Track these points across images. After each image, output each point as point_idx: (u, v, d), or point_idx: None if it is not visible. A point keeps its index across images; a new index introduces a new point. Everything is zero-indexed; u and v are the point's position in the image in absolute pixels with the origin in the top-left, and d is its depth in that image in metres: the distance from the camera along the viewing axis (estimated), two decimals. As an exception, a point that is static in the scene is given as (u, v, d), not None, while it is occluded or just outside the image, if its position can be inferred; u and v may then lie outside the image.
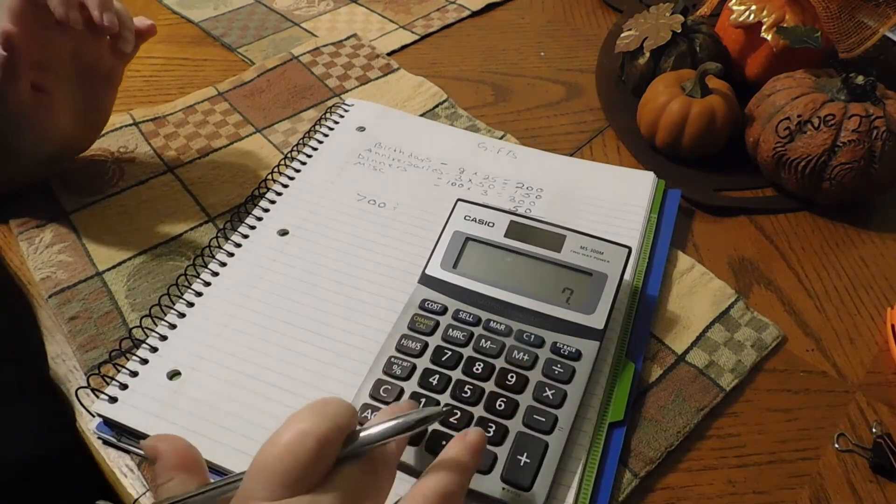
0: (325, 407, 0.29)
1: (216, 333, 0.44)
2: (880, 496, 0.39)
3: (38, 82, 0.47)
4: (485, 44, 0.73)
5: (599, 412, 0.41)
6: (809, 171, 0.52)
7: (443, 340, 0.42)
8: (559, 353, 0.41)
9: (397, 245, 0.50)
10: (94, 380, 0.43)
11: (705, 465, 0.40)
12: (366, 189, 0.54)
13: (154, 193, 0.55)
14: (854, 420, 0.42)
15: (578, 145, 0.61)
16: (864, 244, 0.53)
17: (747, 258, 0.52)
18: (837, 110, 0.50)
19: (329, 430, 0.29)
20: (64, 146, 0.53)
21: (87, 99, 0.51)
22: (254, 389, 0.41)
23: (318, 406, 0.30)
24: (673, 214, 0.53)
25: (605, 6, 0.79)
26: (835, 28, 0.57)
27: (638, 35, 0.63)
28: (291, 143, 0.60)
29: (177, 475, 0.31)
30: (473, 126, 0.62)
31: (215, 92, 0.64)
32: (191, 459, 0.32)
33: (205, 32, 0.73)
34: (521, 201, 0.53)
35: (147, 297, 0.47)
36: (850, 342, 0.47)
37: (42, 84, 0.47)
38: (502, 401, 0.39)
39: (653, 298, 0.47)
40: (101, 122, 0.55)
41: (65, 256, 0.50)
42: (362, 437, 0.30)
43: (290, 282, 0.47)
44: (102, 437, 0.40)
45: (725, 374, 0.44)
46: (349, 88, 0.65)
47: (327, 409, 0.29)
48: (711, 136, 0.56)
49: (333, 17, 0.76)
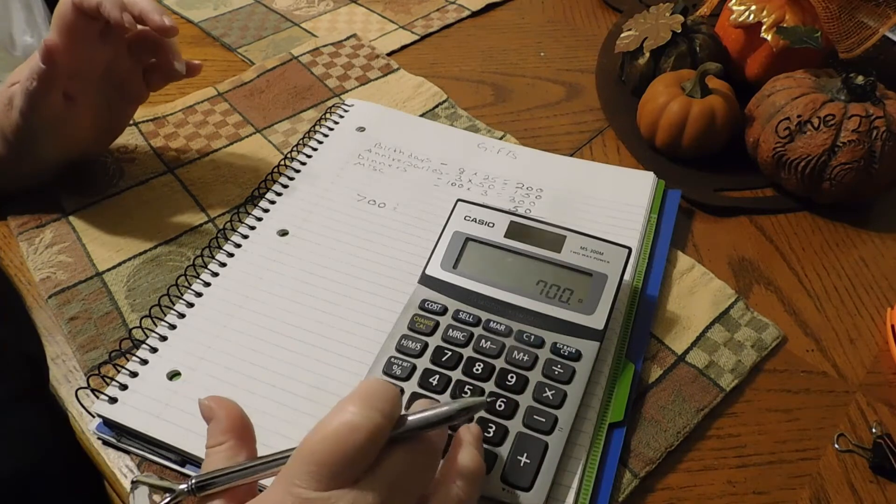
0: (375, 397, 0.29)
1: (216, 334, 0.44)
2: (880, 496, 0.39)
3: (68, 91, 0.48)
4: (485, 44, 0.73)
5: (599, 412, 0.41)
6: (809, 171, 0.52)
7: (443, 341, 0.42)
8: (559, 354, 0.41)
9: (397, 245, 0.50)
10: (93, 380, 0.43)
11: (705, 465, 0.40)
12: (366, 189, 0.54)
13: (154, 193, 0.55)
14: (854, 420, 0.42)
15: (578, 145, 0.61)
16: (864, 244, 0.53)
17: (747, 258, 0.52)
18: (837, 110, 0.50)
19: (380, 423, 0.29)
20: (81, 152, 0.54)
21: (110, 110, 0.52)
22: (253, 390, 0.41)
23: (368, 394, 0.29)
24: (673, 214, 0.53)
25: (605, 6, 0.79)
26: (835, 28, 0.57)
27: (638, 35, 0.63)
28: (291, 143, 0.59)
29: (227, 440, 0.32)
30: (473, 126, 0.62)
31: (215, 92, 0.64)
32: (243, 426, 0.33)
33: (205, 32, 0.73)
34: (521, 201, 0.53)
35: (147, 297, 0.47)
36: (851, 342, 0.47)
37: (72, 93, 0.48)
38: (502, 401, 0.39)
39: (653, 298, 0.47)
40: (119, 131, 0.56)
41: (65, 257, 0.50)
42: (410, 421, 0.30)
43: (289, 282, 0.47)
44: (102, 438, 0.40)
45: (725, 375, 0.44)
46: (349, 89, 0.65)
47: (377, 399, 0.29)
48: (711, 136, 0.56)
49: (333, 18, 0.76)
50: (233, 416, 0.33)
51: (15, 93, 0.47)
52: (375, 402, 0.29)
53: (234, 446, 0.32)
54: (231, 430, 0.32)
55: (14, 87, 0.47)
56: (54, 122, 0.48)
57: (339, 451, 0.28)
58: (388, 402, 0.29)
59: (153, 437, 0.39)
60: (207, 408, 0.33)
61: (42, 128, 0.48)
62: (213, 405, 0.33)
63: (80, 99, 0.49)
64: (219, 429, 0.32)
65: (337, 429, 0.28)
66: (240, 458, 0.32)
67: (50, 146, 0.50)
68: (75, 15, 0.46)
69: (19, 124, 0.47)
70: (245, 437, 0.33)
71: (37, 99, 0.46)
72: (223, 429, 0.32)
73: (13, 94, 0.47)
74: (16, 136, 0.48)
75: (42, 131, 0.48)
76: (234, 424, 0.33)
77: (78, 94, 0.48)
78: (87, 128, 0.51)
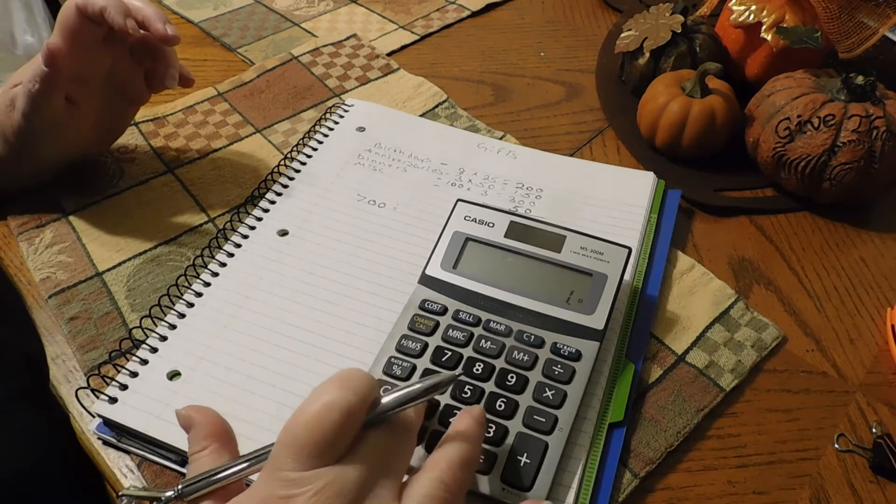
0: (349, 379, 0.30)
1: (216, 334, 0.44)
2: (880, 496, 0.39)
3: (70, 94, 0.48)
4: (485, 44, 0.73)
5: (599, 412, 0.41)
6: (809, 171, 0.52)
7: (443, 341, 0.42)
8: (559, 354, 0.41)
9: (397, 245, 0.50)
10: (93, 380, 0.43)
11: (705, 465, 0.40)
12: (366, 189, 0.54)
13: (154, 193, 0.55)
14: (854, 420, 0.42)
15: (578, 145, 0.61)
16: (864, 244, 0.53)
17: (747, 258, 0.52)
18: (837, 110, 0.50)
19: (354, 402, 0.30)
20: (81, 153, 0.54)
21: (111, 112, 0.52)
22: (253, 390, 0.41)
23: (342, 378, 0.31)
24: (673, 214, 0.53)
25: (605, 6, 0.79)
26: (835, 28, 0.57)
27: (638, 35, 0.63)
28: (291, 143, 0.59)
29: (209, 444, 0.33)
30: (473, 126, 0.62)
31: (215, 92, 0.64)
32: (223, 430, 0.34)
33: (205, 33, 0.73)
34: (521, 201, 0.53)
35: (147, 297, 0.47)
36: (851, 342, 0.47)
37: (74, 96, 0.48)
38: (502, 401, 0.39)
39: (653, 298, 0.47)
40: (119, 132, 0.56)
41: (65, 257, 0.50)
42: (384, 402, 0.32)
43: (290, 282, 0.47)
44: (102, 438, 0.40)
45: (725, 375, 0.44)
46: (349, 89, 0.65)
47: (351, 381, 0.30)
48: (711, 136, 0.56)
49: (333, 18, 0.76)
50: (212, 422, 0.33)
51: (17, 94, 0.47)
52: (349, 384, 0.30)
53: (217, 449, 0.32)
54: (212, 435, 0.33)
55: (16, 88, 0.47)
56: (56, 124, 0.48)
57: (317, 431, 0.29)
58: (363, 383, 0.30)
59: (153, 437, 0.39)
60: (186, 417, 0.34)
61: (44, 129, 0.48)
62: (192, 413, 0.34)
63: (81, 101, 0.49)
64: (200, 434, 0.33)
65: (314, 410, 0.29)
66: (223, 460, 0.32)
67: (51, 147, 0.50)
68: (79, 19, 0.46)
69: (21, 126, 0.48)
70: (226, 440, 0.33)
71: (39, 101, 0.46)
72: (204, 434, 0.33)
73: (15, 95, 0.47)
74: (17, 137, 0.48)
75: (43, 133, 0.48)
76: (214, 429, 0.33)
77: (80, 96, 0.49)
78: (88, 129, 0.51)
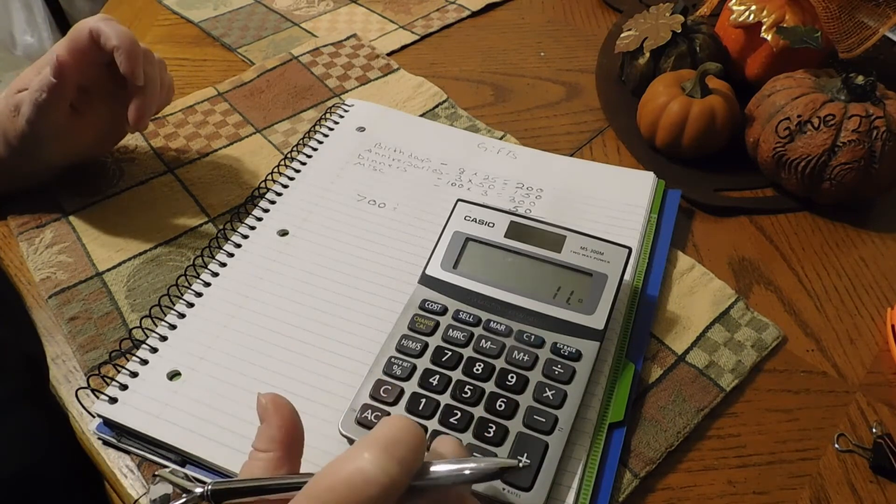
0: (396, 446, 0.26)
1: (216, 334, 0.44)
2: (880, 496, 0.39)
3: (76, 104, 0.49)
4: (485, 44, 0.73)
5: (599, 412, 0.41)
6: (809, 171, 0.52)
7: (443, 341, 0.42)
8: (559, 354, 0.41)
9: (397, 245, 0.50)
10: (94, 380, 0.43)
11: (705, 465, 0.40)
12: (366, 189, 0.54)
13: (154, 194, 0.55)
14: (854, 420, 0.42)
15: (578, 145, 0.61)
16: (864, 244, 0.53)
17: (747, 258, 0.52)
18: (837, 110, 0.50)
19: (396, 479, 0.26)
20: (83, 156, 0.55)
21: (114, 119, 0.53)
22: (253, 390, 0.41)
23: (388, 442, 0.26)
24: (673, 214, 0.53)
25: (605, 6, 0.79)
26: (835, 28, 0.57)
27: (638, 35, 0.63)
28: (291, 143, 0.59)
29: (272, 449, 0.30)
30: (473, 126, 0.62)
31: (215, 92, 0.64)
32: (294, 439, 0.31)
33: (204, 33, 0.73)
34: (521, 201, 0.53)
35: (147, 297, 0.47)
36: (851, 342, 0.47)
37: (79, 106, 0.49)
38: (502, 401, 0.39)
39: (653, 298, 0.47)
40: (121, 136, 0.57)
41: (65, 257, 0.50)
42: (438, 473, 0.28)
43: (290, 282, 0.47)
44: (102, 438, 0.40)
45: (725, 375, 0.44)
46: (349, 89, 0.65)
47: (397, 448, 0.26)
48: (711, 136, 0.56)
49: (333, 18, 0.76)
50: (287, 426, 0.30)
51: (22, 100, 0.47)
52: (395, 451, 0.26)
53: (278, 458, 0.30)
54: (281, 441, 0.30)
55: (21, 94, 0.48)
56: (60, 132, 0.49)
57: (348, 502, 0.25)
58: (411, 451, 0.27)
59: (153, 437, 0.39)
60: (263, 407, 0.31)
61: (48, 136, 0.49)
62: (271, 407, 0.31)
63: (86, 111, 0.50)
64: (268, 435, 0.30)
65: (349, 478, 0.25)
66: (279, 472, 0.30)
67: (54, 152, 0.51)
68: (89, 43, 0.47)
69: (25, 131, 0.48)
70: (292, 452, 0.31)
71: (45, 110, 0.47)
72: (273, 437, 0.30)
73: (20, 101, 0.48)
74: (20, 141, 0.49)
75: (47, 139, 0.49)
76: (286, 435, 0.30)
77: (85, 106, 0.50)
78: (91, 136, 0.52)
